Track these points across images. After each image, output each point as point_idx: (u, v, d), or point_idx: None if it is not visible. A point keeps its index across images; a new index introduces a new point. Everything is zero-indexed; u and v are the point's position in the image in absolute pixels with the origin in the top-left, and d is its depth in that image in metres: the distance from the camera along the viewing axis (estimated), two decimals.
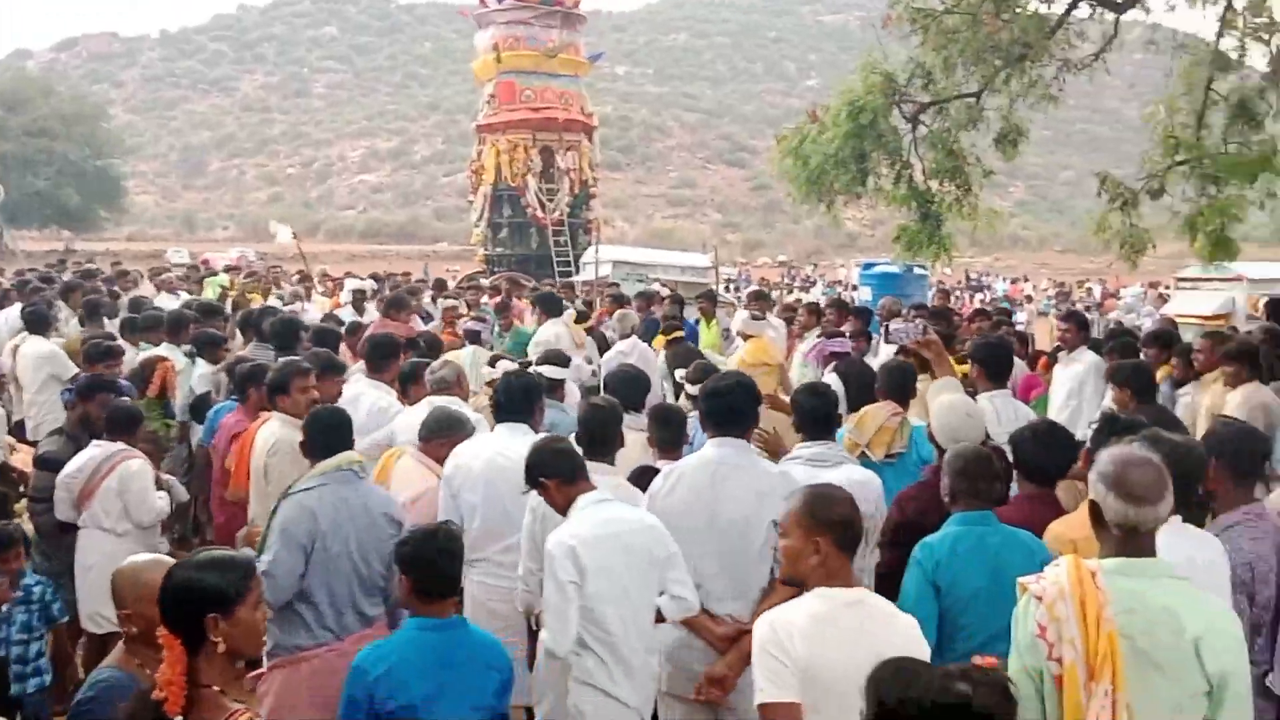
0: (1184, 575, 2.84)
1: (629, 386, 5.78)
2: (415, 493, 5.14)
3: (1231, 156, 11.14)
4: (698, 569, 3.97)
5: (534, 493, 4.40)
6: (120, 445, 5.81)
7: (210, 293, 14.77)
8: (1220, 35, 11.42)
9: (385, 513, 4.53)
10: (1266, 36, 11.31)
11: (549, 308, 10.05)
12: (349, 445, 4.62)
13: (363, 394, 6.63)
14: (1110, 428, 4.02)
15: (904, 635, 2.99)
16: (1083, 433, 5.35)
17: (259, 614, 2.78)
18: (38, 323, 9.09)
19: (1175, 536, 3.21)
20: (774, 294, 25.47)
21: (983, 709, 2.09)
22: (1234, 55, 11.41)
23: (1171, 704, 2.71)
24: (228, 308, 12.11)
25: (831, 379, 7.73)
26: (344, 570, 4.37)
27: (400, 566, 3.57)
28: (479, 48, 30.36)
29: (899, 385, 5.58)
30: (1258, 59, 11.54)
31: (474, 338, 9.90)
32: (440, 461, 5.14)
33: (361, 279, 17.58)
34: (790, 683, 2.87)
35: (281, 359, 6.47)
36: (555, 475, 4.04)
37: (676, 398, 7.66)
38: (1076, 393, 7.77)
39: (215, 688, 2.62)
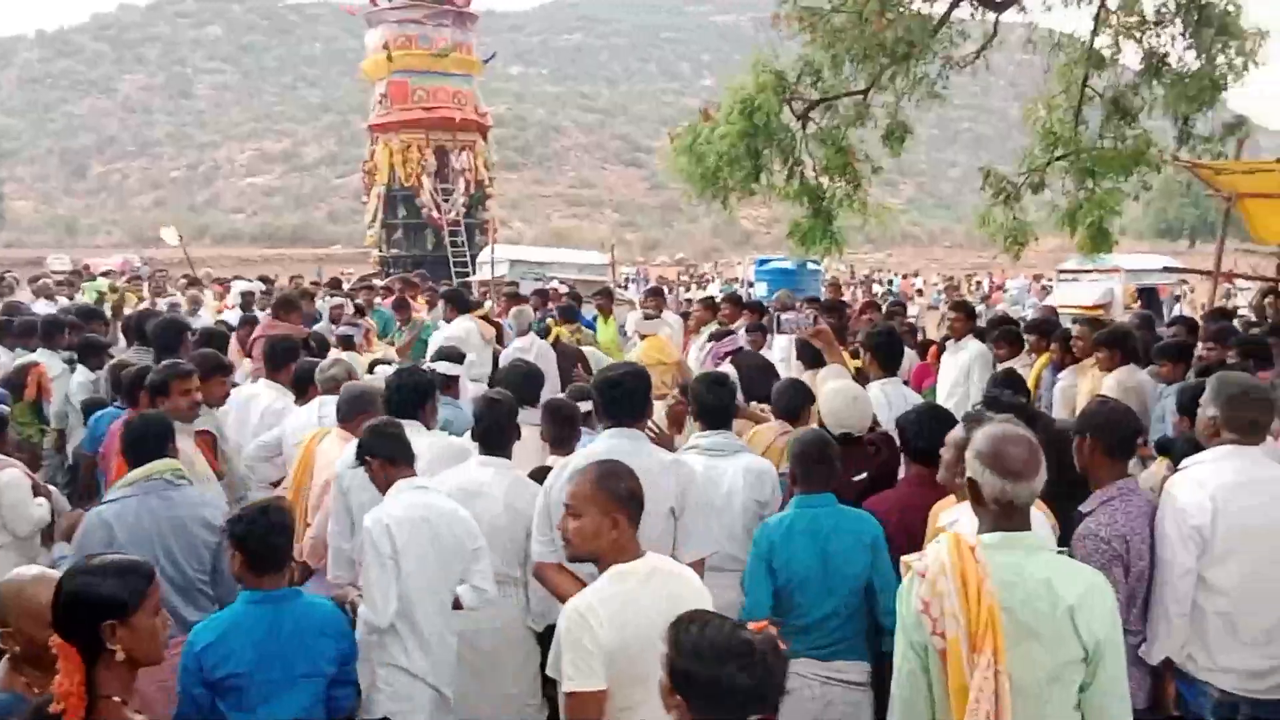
0: None
1: (524, 382, 5.77)
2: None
3: (1107, 151, 11.52)
4: None
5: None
6: None
7: (88, 297, 14.32)
8: (1095, 34, 11.80)
9: (201, 518, 4.49)
10: (1138, 35, 11.72)
11: (459, 304, 9.97)
12: (164, 454, 4.56)
13: (258, 395, 6.51)
14: (989, 410, 4.16)
15: (695, 590, 3.18)
16: None
17: (158, 620, 2.72)
18: None
19: None
20: (671, 292, 25.60)
21: (763, 655, 2.37)
22: (1108, 53, 11.80)
23: (1049, 672, 2.80)
24: (107, 312, 11.75)
25: (727, 370, 7.88)
26: None
27: (232, 542, 3.67)
28: (369, 47, 29.91)
29: (792, 405, 5.61)
30: (1131, 56, 11.96)
31: (346, 342, 9.73)
32: None
33: (250, 281, 17.21)
34: (597, 670, 2.97)
35: (163, 361, 6.26)
36: (379, 455, 4.23)
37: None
38: (963, 380, 7.99)
39: (116, 698, 2.56)
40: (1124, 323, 8.47)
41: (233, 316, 11.72)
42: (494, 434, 4.60)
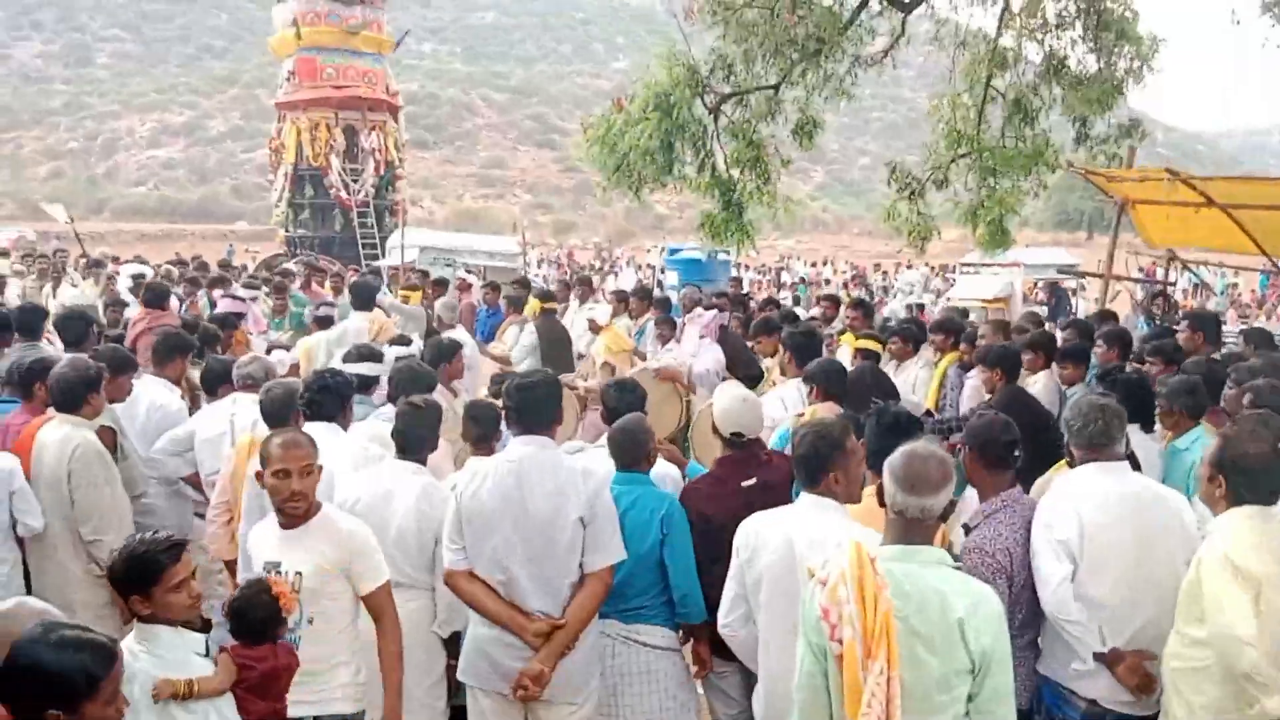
0: None
1: (415, 384, 5.68)
2: None
3: (1009, 150, 11.85)
4: (507, 567, 4.03)
5: (342, 489, 4.55)
6: None
7: None
8: (999, 34, 12.11)
9: None
10: (1040, 36, 12.06)
11: (360, 300, 9.76)
12: None
13: (144, 391, 6.39)
14: (879, 417, 4.25)
15: None
16: None
17: (113, 710, 2.58)
18: None
19: None
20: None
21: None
22: (1010, 55, 12.12)
23: (940, 680, 2.94)
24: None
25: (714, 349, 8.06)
26: None
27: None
28: (278, 22, 29.29)
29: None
30: (1034, 57, 12.29)
31: (226, 322, 9.51)
32: None
33: (144, 264, 16.67)
34: None
35: (77, 356, 6.05)
36: None
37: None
38: None
39: None
40: (1045, 329, 8.74)
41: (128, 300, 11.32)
42: (412, 438, 4.61)
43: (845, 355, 8.13)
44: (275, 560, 3.89)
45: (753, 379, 7.76)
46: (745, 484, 4.48)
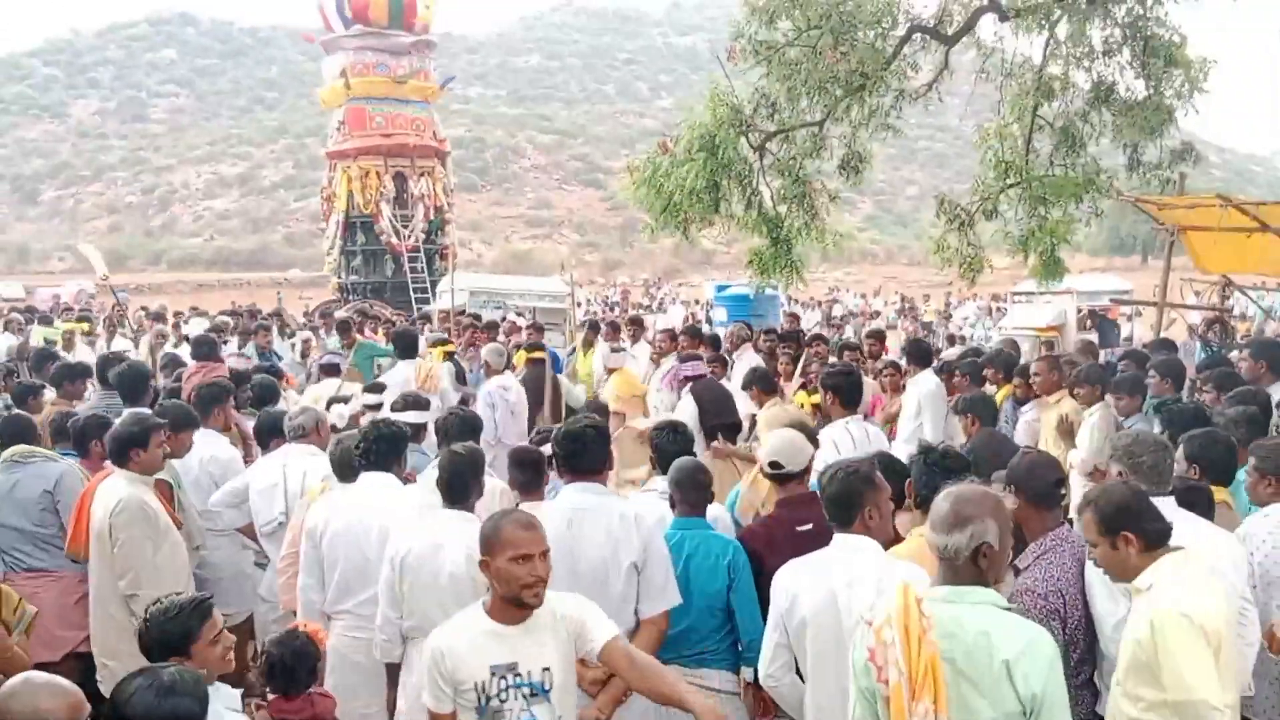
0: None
1: (460, 431, 5.73)
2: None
3: (1059, 179, 11.73)
4: None
5: (394, 541, 4.46)
6: None
7: (35, 341, 13.98)
8: (1044, 64, 12.03)
9: (41, 491, 5.71)
10: (1087, 64, 11.96)
11: (401, 348, 9.86)
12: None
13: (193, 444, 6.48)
14: (925, 458, 4.20)
15: None
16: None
17: None
18: None
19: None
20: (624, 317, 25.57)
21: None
22: (1057, 84, 12.03)
23: None
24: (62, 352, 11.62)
25: (686, 401, 7.95)
26: None
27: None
28: (327, 74, 29.84)
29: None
30: (1081, 83, 12.19)
31: (332, 371, 9.71)
32: None
33: (209, 317, 16.98)
34: None
35: (133, 412, 6.19)
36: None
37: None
38: (915, 415, 8.07)
39: None
40: (1096, 363, 8.63)
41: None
42: (457, 486, 4.58)
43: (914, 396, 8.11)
44: (508, 662, 3.39)
45: (730, 428, 7.62)
46: (800, 529, 4.44)
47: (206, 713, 2.66)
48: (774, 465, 4.62)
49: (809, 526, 4.44)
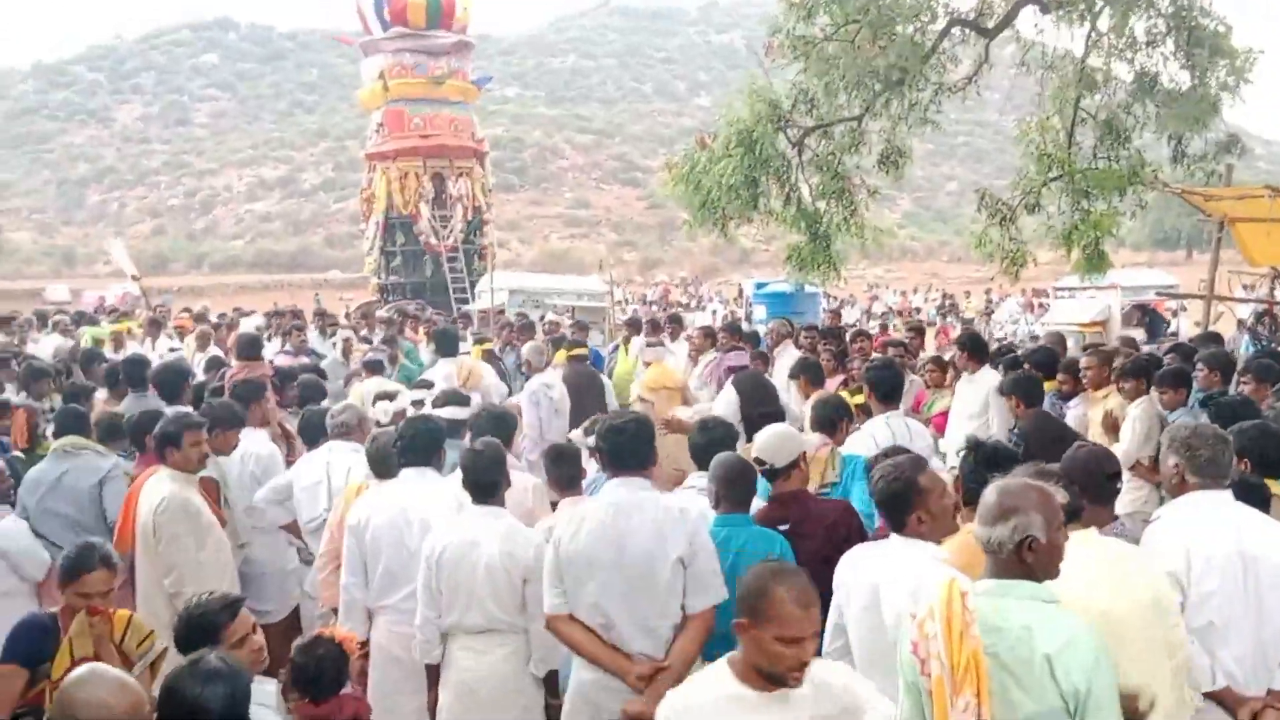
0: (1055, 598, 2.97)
1: (494, 427, 5.77)
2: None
3: (1101, 171, 11.58)
4: (606, 610, 4.02)
5: (428, 540, 4.49)
6: None
7: (86, 342, 14.19)
8: (1086, 55, 11.87)
9: (90, 484, 5.94)
10: (1130, 55, 11.79)
11: (444, 347, 9.90)
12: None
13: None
14: (976, 454, 4.15)
15: None
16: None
17: None
18: None
19: None
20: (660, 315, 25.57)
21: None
22: (1100, 75, 11.87)
23: (1032, 718, 2.85)
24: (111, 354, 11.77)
25: (728, 392, 7.94)
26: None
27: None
28: (365, 76, 30.05)
29: (828, 418, 5.73)
30: (1124, 75, 12.02)
31: (377, 368, 9.76)
32: None
33: (252, 315, 17.15)
34: None
35: (174, 411, 6.29)
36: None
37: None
38: (980, 413, 7.96)
39: None
40: (1142, 352, 8.50)
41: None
42: (483, 483, 4.60)
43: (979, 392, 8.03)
44: None
45: (771, 417, 7.57)
46: (780, 528, 4.46)
47: (248, 699, 2.70)
48: (758, 461, 4.62)
49: (785, 527, 4.45)
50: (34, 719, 3.99)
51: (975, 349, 8.38)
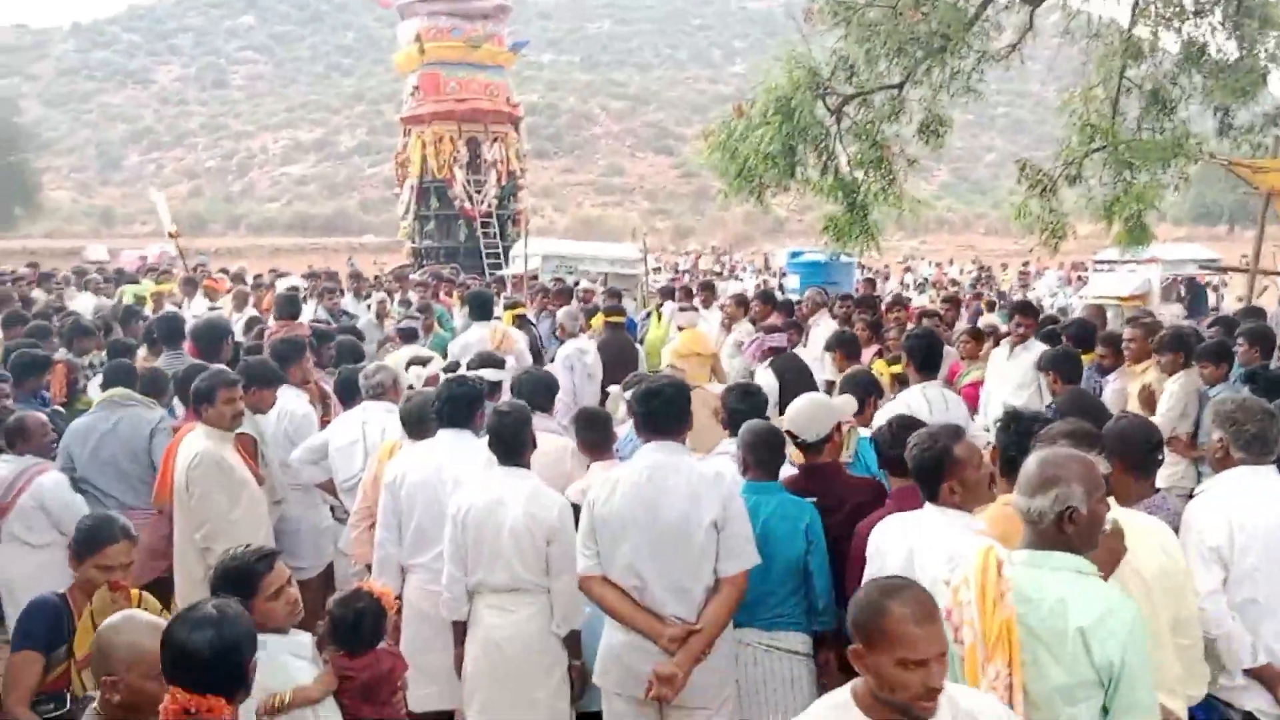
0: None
1: (535, 389, 5.81)
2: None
3: (1145, 142, 11.40)
4: (640, 571, 4.04)
5: (454, 499, 4.55)
6: (29, 459, 5.69)
7: (129, 299, 14.36)
8: (1133, 24, 11.67)
9: (142, 435, 6.17)
10: (1178, 24, 11.58)
11: (478, 310, 9.92)
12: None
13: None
14: (1014, 423, 4.10)
15: None
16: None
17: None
18: None
19: None
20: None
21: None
22: (1146, 44, 11.67)
23: (1064, 690, 2.85)
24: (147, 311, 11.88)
25: (766, 374, 7.89)
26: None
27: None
28: (401, 39, 30.01)
29: (857, 398, 5.72)
30: (1171, 45, 11.82)
31: (410, 336, 9.81)
32: None
33: (289, 276, 17.24)
34: None
35: (212, 368, 6.33)
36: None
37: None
38: (1030, 382, 7.92)
39: None
40: (1180, 324, 8.41)
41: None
42: (509, 445, 4.62)
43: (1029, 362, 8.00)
44: None
45: None
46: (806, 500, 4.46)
47: (254, 646, 2.74)
48: (789, 434, 4.60)
49: (812, 500, 4.44)
50: (55, 704, 4.01)
51: (1024, 312, 8.56)
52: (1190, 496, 4.16)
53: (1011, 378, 8.06)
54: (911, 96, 11.68)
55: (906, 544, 3.69)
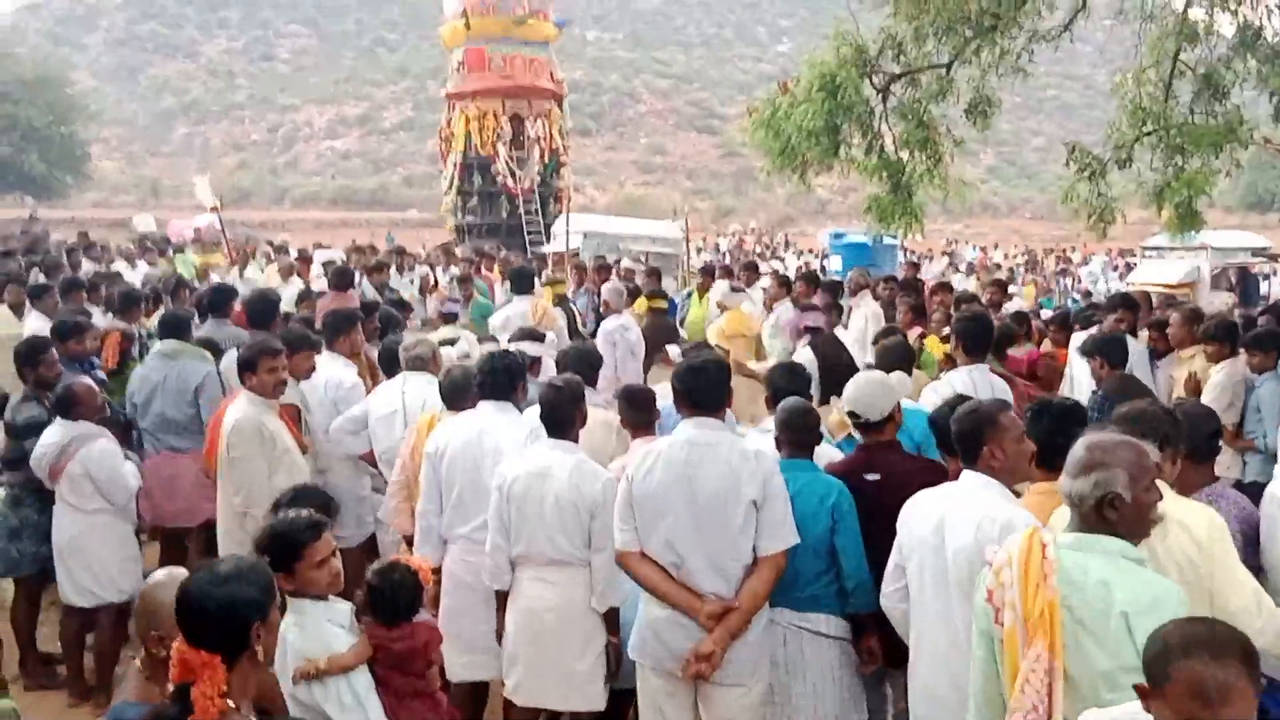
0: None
1: (580, 364, 5.84)
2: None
3: (1198, 127, 11.21)
4: (678, 548, 4.04)
5: (499, 469, 4.58)
6: (82, 426, 5.78)
7: (184, 270, 14.55)
8: (1188, 6, 11.47)
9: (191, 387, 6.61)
10: (1234, 6, 11.37)
11: (519, 285, 9.97)
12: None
13: (320, 368, 6.64)
14: (1044, 412, 4.01)
15: None
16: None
17: (277, 614, 2.82)
18: None
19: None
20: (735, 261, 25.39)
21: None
22: (1201, 27, 11.46)
23: (1106, 675, 2.80)
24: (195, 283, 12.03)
25: (805, 352, 7.86)
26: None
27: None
28: (447, 14, 30.03)
29: (892, 367, 5.69)
30: (1226, 28, 11.60)
31: (451, 319, 9.86)
32: None
33: (330, 249, 17.38)
34: None
35: (256, 337, 6.43)
36: None
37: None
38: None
39: (235, 705, 2.60)
40: (1224, 313, 8.30)
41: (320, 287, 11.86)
42: (559, 418, 4.65)
43: None
44: None
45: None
46: (868, 477, 4.44)
47: (263, 612, 2.68)
48: (851, 415, 4.58)
49: (876, 477, 4.42)
50: None
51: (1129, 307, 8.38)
52: (1239, 486, 4.10)
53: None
54: (959, 76, 11.54)
55: (938, 513, 3.65)
